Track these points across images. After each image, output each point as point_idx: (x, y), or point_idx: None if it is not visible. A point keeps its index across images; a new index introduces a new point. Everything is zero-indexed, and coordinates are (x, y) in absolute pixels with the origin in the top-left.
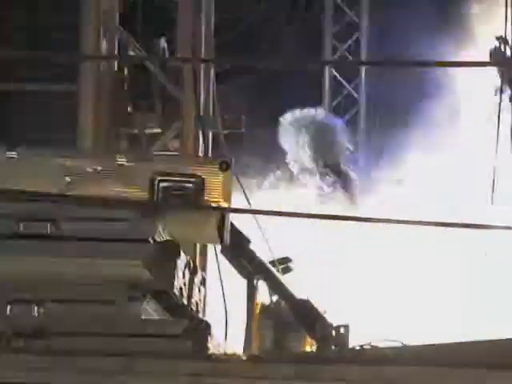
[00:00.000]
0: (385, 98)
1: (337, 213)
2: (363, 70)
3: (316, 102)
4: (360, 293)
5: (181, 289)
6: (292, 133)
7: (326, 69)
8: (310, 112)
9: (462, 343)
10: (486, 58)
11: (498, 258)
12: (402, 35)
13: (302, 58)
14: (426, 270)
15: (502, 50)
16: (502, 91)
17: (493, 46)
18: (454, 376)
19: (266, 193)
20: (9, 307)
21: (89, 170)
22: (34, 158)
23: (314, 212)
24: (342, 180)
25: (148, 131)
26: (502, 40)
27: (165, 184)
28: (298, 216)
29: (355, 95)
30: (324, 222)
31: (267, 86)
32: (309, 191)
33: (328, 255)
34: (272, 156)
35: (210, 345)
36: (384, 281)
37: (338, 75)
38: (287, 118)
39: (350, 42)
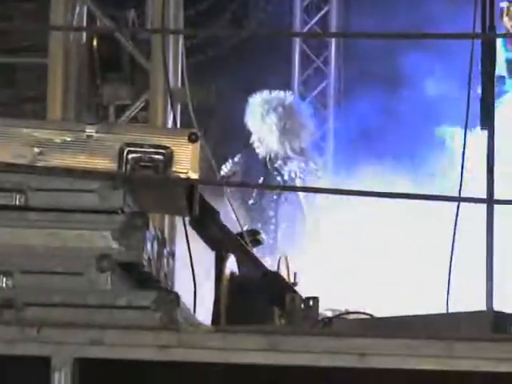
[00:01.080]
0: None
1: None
2: (333, 43)
3: (285, 76)
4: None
5: (149, 260)
6: (259, 114)
7: (296, 42)
8: (279, 94)
9: (430, 315)
10: None
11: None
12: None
13: (271, 28)
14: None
15: None
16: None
17: (502, 5)
18: (423, 347)
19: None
20: None
21: (57, 140)
22: (1, 129)
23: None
24: (307, 166)
25: (117, 102)
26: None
27: (134, 155)
28: (269, 188)
29: (324, 69)
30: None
31: (236, 58)
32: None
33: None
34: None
35: (178, 316)
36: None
37: (307, 49)
38: (256, 99)
39: (319, 15)
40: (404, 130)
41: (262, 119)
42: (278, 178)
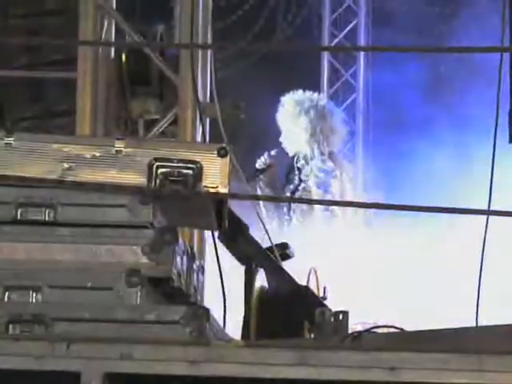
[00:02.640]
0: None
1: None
2: (361, 57)
3: (314, 89)
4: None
5: (179, 275)
6: (291, 113)
7: (324, 55)
8: (311, 95)
9: (460, 328)
10: None
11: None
12: (403, 22)
13: (299, 42)
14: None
15: None
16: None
17: None
18: (453, 361)
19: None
20: (6, 294)
21: (87, 155)
22: (31, 144)
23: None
24: (338, 170)
25: (146, 117)
26: None
27: (163, 170)
28: (297, 201)
29: (353, 82)
30: None
31: (265, 71)
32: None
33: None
34: (266, 139)
35: (208, 331)
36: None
37: (335, 62)
38: (288, 98)
39: (347, 28)
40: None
41: (293, 119)
42: (296, 178)
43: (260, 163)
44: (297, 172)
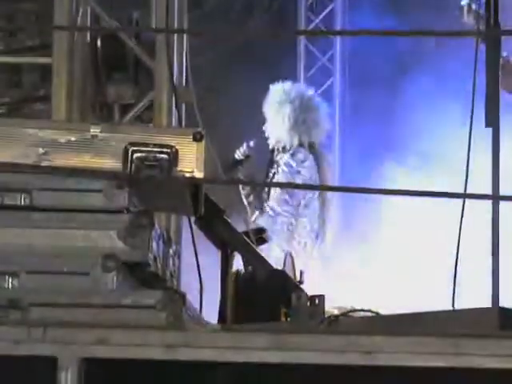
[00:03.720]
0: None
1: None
2: (338, 41)
3: (290, 74)
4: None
5: (155, 260)
6: (276, 102)
7: (301, 40)
8: (299, 87)
9: (436, 312)
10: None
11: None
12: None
13: (275, 28)
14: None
15: (474, 7)
16: (476, 55)
17: (463, 3)
18: (429, 345)
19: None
20: None
21: (62, 140)
22: (6, 129)
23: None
24: (315, 161)
25: (121, 102)
26: None
27: (138, 154)
28: (278, 186)
29: (330, 67)
30: None
31: (241, 56)
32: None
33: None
34: (245, 130)
35: (184, 316)
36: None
37: (311, 46)
38: (276, 87)
39: (324, 13)
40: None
41: (277, 108)
42: (273, 170)
43: (239, 154)
44: (275, 165)
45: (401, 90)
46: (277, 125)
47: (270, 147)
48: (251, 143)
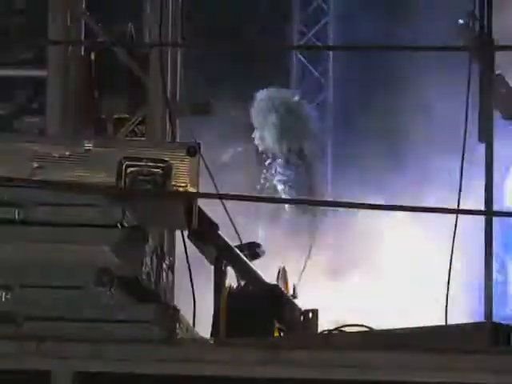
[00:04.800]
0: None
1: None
2: (331, 55)
3: (283, 87)
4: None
5: (149, 274)
6: (262, 110)
7: (293, 54)
8: (284, 93)
9: (430, 327)
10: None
11: None
12: (370, 21)
13: (269, 42)
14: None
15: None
16: (469, 72)
17: (460, 22)
18: (422, 360)
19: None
20: None
21: (56, 155)
22: (0, 143)
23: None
24: (305, 167)
25: (115, 116)
26: (471, 16)
27: (132, 169)
28: (268, 201)
29: (322, 81)
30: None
31: (234, 70)
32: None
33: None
34: (234, 138)
35: (178, 330)
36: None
37: (305, 61)
38: (261, 95)
39: (317, 27)
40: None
41: (264, 116)
42: (262, 176)
43: (225, 158)
44: (264, 171)
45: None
46: (265, 132)
47: (260, 152)
48: (239, 148)
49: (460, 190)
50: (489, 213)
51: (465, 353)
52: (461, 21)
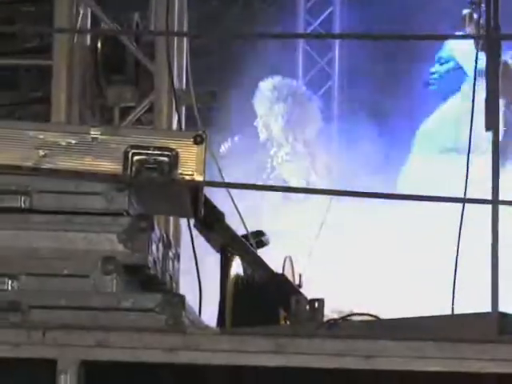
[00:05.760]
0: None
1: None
2: (337, 44)
3: (290, 76)
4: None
5: (155, 263)
6: (268, 99)
7: (300, 43)
8: (289, 82)
9: (436, 316)
10: None
11: None
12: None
13: (275, 30)
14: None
15: (475, 16)
16: (476, 60)
17: (465, 12)
18: (429, 349)
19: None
20: None
21: (62, 143)
22: (6, 131)
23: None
24: (310, 156)
25: (122, 105)
26: (476, 4)
27: (138, 157)
28: (275, 190)
29: (328, 70)
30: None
31: (240, 59)
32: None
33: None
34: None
35: (184, 318)
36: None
37: (310, 49)
38: (266, 84)
39: (322, 16)
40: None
41: (270, 105)
42: (268, 165)
43: (223, 148)
44: (269, 160)
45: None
46: (270, 122)
47: (261, 141)
48: (236, 138)
49: (467, 179)
50: (495, 201)
51: (473, 342)
52: (465, 11)
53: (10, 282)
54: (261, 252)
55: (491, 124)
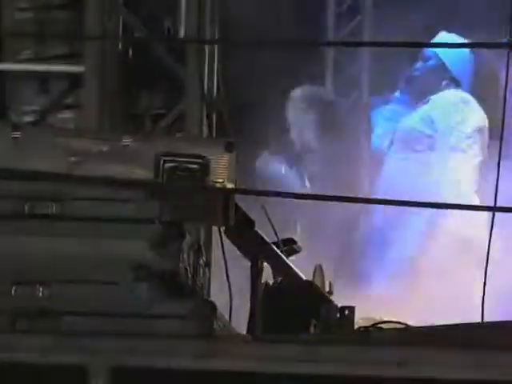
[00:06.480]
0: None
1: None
2: (365, 52)
3: (318, 83)
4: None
5: (186, 270)
6: (300, 109)
7: (328, 50)
8: (319, 90)
9: (468, 324)
10: None
11: None
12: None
13: (304, 37)
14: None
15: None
16: (508, 66)
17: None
18: (460, 357)
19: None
20: (13, 288)
21: (94, 150)
22: (38, 138)
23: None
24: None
25: (152, 112)
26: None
27: (170, 165)
28: (306, 198)
29: (357, 78)
30: None
31: (268, 65)
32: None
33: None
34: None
35: (215, 326)
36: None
37: (339, 57)
38: (297, 93)
39: (352, 24)
40: None
41: (302, 114)
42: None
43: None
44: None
45: None
46: (304, 131)
47: (295, 151)
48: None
49: (497, 187)
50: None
51: (503, 349)
52: None
53: (41, 289)
54: (291, 260)
55: None
